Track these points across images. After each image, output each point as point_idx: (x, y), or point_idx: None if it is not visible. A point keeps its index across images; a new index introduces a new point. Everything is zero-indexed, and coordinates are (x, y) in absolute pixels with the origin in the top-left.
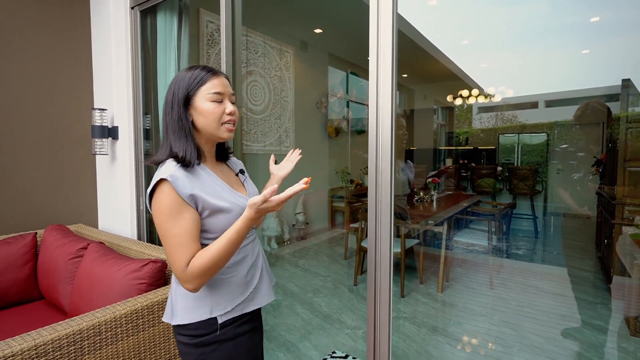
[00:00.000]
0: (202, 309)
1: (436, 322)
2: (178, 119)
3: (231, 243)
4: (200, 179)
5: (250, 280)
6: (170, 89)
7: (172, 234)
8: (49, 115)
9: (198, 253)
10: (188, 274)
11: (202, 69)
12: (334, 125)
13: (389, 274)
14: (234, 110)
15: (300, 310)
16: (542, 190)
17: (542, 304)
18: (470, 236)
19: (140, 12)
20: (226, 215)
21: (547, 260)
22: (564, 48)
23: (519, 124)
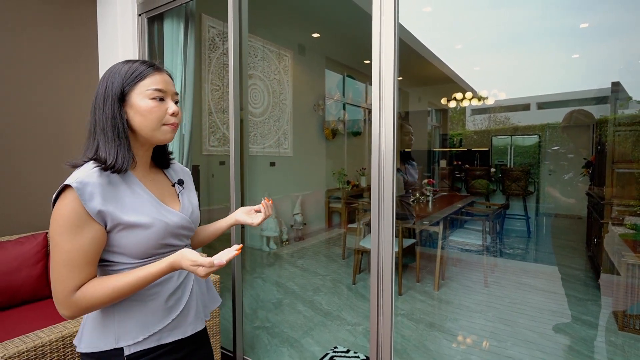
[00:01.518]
0: (107, 337)
1: (433, 319)
2: (111, 117)
3: (141, 284)
4: (119, 189)
5: (173, 306)
6: (103, 81)
7: (65, 249)
8: (58, 117)
9: (94, 282)
10: (73, 302)
11: (141, 62)
12: (330, 127)
13: (391, 272)
14: (177, 111)
15: (302, 308)
16: (534, 191)
17: (534, 300)
18: (465, 236)
19: (148, 19)
20: (143, 231)
21: (539, 259)
22: (555, 52)
23: (511, 125)
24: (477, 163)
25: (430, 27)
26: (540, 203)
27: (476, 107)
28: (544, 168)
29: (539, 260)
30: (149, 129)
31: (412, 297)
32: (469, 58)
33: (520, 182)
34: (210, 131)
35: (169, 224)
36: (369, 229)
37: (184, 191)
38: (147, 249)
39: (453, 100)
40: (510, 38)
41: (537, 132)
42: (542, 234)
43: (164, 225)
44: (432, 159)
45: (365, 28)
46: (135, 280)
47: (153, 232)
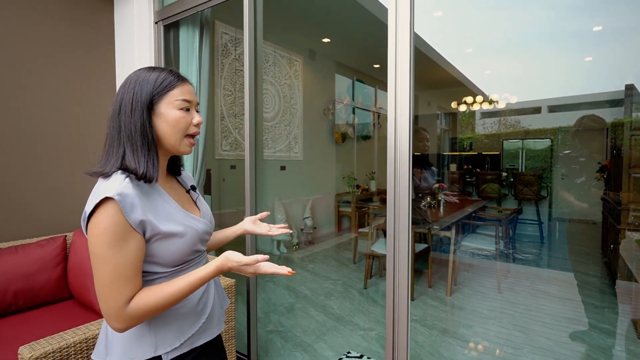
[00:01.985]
0: (144, 347)
1: (446, 325)
2: (140, 125)
3: (191, 290)
4: (151, 199)
5: (202, 309)
6: (129, 88)
7: (113, 265)
8: (77, 123)
9: (146, 292)
10: (127, 314)
11: (169, 72)
12: (340, 132)
13: (407, 278)
14: (201, 121)
15: (314, 313)
16: (547, 195)
17: (549, 307)
18: (477, 241)
19: (164, 27)
20: (179, 239)
21: (553, 265)
22: (567, 55)
23: (522, 129)
24: (487, 167)
25: (440, 31)
26: (553, 208)
27: (486, 110)
28: (557, 172)
29: (553, 266)
30: (174, 139)
31: (425, 302)
32: (480, 61)
33: (533, 187)
34: (223, 136)
35: (198, 230)
36: (381, 233)
37: (199, 197)
38: (181, 257)
39: (463, 104)
40: (521, 41)
41: (549, 135)
42: (555, 239)
43: (194, 232)
44: (441, 163)
45: (374, 32)
46: (186, 285)
47: (187, 239)
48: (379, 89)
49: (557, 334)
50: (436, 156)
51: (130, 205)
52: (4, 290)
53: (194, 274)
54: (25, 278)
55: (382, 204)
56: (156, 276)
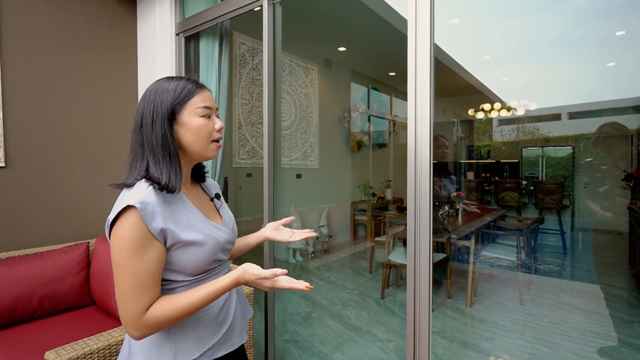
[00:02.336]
0: (164, 356)
1: (467, 337)
2: (162, 137)
3: (209, 300)
4: (173, 207)
5: (223, 319)
6: (149, 101)
7: (132, 272)
8: (100, 132)
9: (163, 301)
10: (144, 323)
11: (187, 80)
12: (356, 140)
13: (428, 289)
14: (222, 126)
15: (331, 322)
16: (569, 204)
17: (575, 321)
18: (498, 251)
19: (185, 38)
20: (199, 248)
21: (577, 276)
22: (588, 61)
23: (541, 136)
24: (506, 175)
25: (457, 38)
26: (576, 217)
27: (503, 117)
28: (579, 181)
29: (577, 278)
30: (199, 147)
31: (444, 313)
32: (497, 68)
33: (555, 195)
34: (240, 144)
35: (219, 240)
36: (398, 242)
37: (222, 205)
38: (202, 266)
39: (481, 111)
40: (541, 47)
41: (570, 143)
42: (579, 250)
43: (215, 242)
44: (458, 171)
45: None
46: (204, 296)
47: (207, 249)
48: (394, 97)
49: (585, 349)
50: (453, 164)
51: (151, 214)
52: (30, 296)
53: (211, 285)
54: (50, 284)
55: (398, 212)
56: (176, 285)
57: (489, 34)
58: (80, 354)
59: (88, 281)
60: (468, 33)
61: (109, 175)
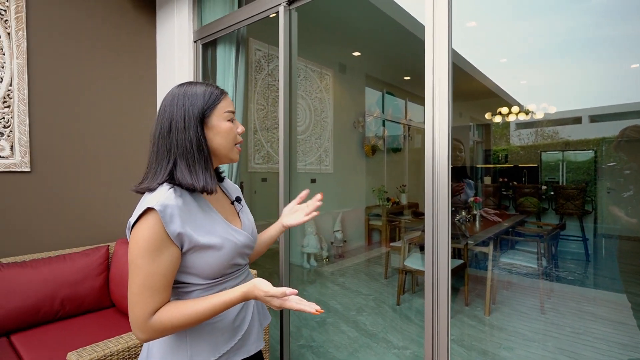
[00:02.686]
0: (179, 358)
1: (486, 346)
2: (196, 140)
3: (215, 312)
4: (193, 210)
5: (239, 325)
6: (178, 105)
7: (145, 273)
8: (120, 137)
9: (170, 306)
10: (149, 326)
11: (210, 85)
12: (370, 144)
13: (447, 296)
14: (244, 130)
15: (346, 328)
16: (592, 210)
17: (600, 331)
18: (517, 257)
19: (202, 45)
20: (216, 252)
21: (602, 285)
22: (610, 62)
23: (561, 140)
24: (525, 180)
25: (473, 42)
26: (599, 223)
27: (521, 121)
28: (602, 186)
29: (601, 287)
30: (226, 149)
31: (461, 321)
32: (515, 71)
33: (576, 201)
34: (255, 149)
35: (237, 244)
36: (413, 247)
37: (243, 209)
38: (219, 270)
39: (498, 114)
40: (561, 48)
41: (592, 146)
42: (602, 257)
43: (233, 246)
44: (475, 176)
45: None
46: (210, 307)
47: (224, 253)
48: (409, 101)
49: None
50: (469, 169)
51: (170, 216)
52: (53, 297)
53: (220, 296)
54: (72, 286)
55: (414, 217)
56: (193, 287)
57: (506, 37)
58: (100, 356)
59: (107, 283)
60: (484, 36)
61: (129, 180)
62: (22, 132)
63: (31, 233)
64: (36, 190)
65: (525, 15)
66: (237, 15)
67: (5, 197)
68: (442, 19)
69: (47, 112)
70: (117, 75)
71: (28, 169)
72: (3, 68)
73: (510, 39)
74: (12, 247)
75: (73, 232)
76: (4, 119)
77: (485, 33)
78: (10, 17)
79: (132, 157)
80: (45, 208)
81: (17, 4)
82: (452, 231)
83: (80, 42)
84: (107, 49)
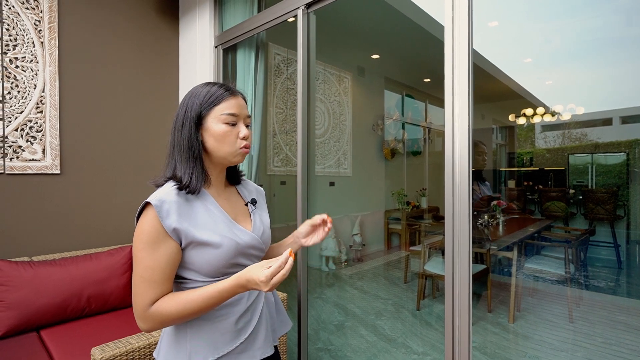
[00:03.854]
0: (179, 354)
1: (509, 354)
2: (188, 139)
3: (211, 301)
4: (195, 207)
5: (243, 328)
6: (184, 104)
7: (144, 265)
8: (143, 140)
9: (168, 296)
10: (148, 315)
11: (219, 86)
12: (389, 147)
13: (468, 302)
14: (247, 135)
15: (364, 332)
16: (624, 215)
17: (634, 342)
18: (543, 263)
19: (223, 50)
20: (214, 250)
21: (636, 294)
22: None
23: (590, 142)
24: (551, 184)
25: (496, 42)
26: (632, 229)
27: (547, 123)
28: (635, 190)
29: (635, 296)
30: (222, 152)
31: (484, 328)
32: (540, 72)
33: (607, 205)
34: (274, 152)
35: (240, 243)
36: (434, 252)
37: (256, 210)
38: (218, 268)
39: (522, 116)
40: (588, 48)
41: (623, 149)
42: (636, 264)
43: (234, 245)
44: (498, 179)
45: (425, 46)
46: (204, 295)
47: (223, 251)
48: (429, 104)
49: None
50: (492, 172)
51: (166, 212)
52: (80, 294)
53: (213, 285)
54: (97, 284)
55: (434, 221)
56: (193, 284)
57: (530, 36)
58: (122, 351)
59: (131, 282)
60: (507, 36)
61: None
62: (53, 136)
63: (60, 232)
64: (65, 191)
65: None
66: (257, 20)
67: (36, 198)
68: (463, 19)
69: (76, 117)
70: (141, 81)
71: (58, 171)
72: (37, 76)
73: (535, 37)
74: (43, 246)
75: (99, 232)
76: (37, 123)
77: (507, 33)
78: (43, 27)
79: (155, 160)
80: (73, 209)
81: (50, 15)
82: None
83: (106, 50)
84: (132, 57)
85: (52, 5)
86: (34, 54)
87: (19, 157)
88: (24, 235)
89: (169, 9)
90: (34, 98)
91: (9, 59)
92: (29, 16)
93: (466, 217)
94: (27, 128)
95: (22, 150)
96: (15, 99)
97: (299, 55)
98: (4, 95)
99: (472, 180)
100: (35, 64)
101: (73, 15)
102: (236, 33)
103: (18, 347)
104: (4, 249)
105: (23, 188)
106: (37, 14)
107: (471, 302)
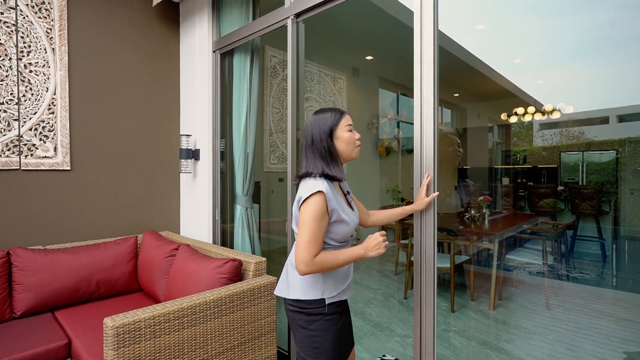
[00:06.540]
0: (316, 291)
1: (486, 337)
2: (328, 148)
3: (349, 260)
4: (336, 196)
5: (348, 275)
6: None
7: (313, 231)
8: (149, 140)
9: (324, 252)
10: (314, 263)
11: (334, 110)
12: (384, 145)
13: (433, 285)
14: (360, 136)
15: (353, 318)
16: (609, 211)
17: (604, 327)
18: (525, 255)
19: (220, 55)
20: (347, 225)
21: (616, 285)
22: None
23: (585, 141)
24: (544, 181)
25: (485, 43)
26: (620, 225)
27: (545, 121)
28: (624, 186)
29: (615, 286)
30: (348, 151)
31: (466, 314)
32: (530, 72)
33: (592, 201)
34: (271, 150)
35: (355, 222)
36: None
37: (352, 200)
38: (345, 237)
39: (514, 115)
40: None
41: (615, 147)
42: (620, 258)
43: (354, 223)
44: (493, 177)
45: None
46: (347, 255)
47: (350, 227)
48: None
49: (610, 354)
50: (487, 170)
51: (329, 198)
52: (90, 279)
53: (351, 249)
54: (106, 270)
55: None
56: (327, 246)
57: (517, 38)
58: (131, 321)
59: (136, 270)
60: (496, 37)
61: (153, 179)
62: (63, 135)
63: (71, 224)
64: (75, 186)
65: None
66: (251, 27)
67: (49, 192)
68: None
69: (85, 117)
70: (144, 84)
71: (68, 167)
72: (49, 79)
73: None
74: (56, 236)
75: (107, 224)
76: (49, 124)
77: (494, 35)
78: (54, 34)
79: (158, 157)
80: (83, 202)
81: (60, 23)
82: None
83: (112, 55)
84: (137, 61)
85: (62, 14)
86: (46, 59)
87: (33, 154)
88: (38, 225)
89: (170, 16)
90: (46, 100)
91: (24, 65)
92: (41, 24)
93: (431, 209)
94: (40, 128)
95: (36, 148)
96: (29, 101)
97: (289, 61)
98: (19, 97)
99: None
100: (47, 68)
101: (81, 23)
102: (233, 39)
103: (36, 324)
104: (21, 238)
105: (37, 183)
106: (49, 22)
107: (434, 279)
